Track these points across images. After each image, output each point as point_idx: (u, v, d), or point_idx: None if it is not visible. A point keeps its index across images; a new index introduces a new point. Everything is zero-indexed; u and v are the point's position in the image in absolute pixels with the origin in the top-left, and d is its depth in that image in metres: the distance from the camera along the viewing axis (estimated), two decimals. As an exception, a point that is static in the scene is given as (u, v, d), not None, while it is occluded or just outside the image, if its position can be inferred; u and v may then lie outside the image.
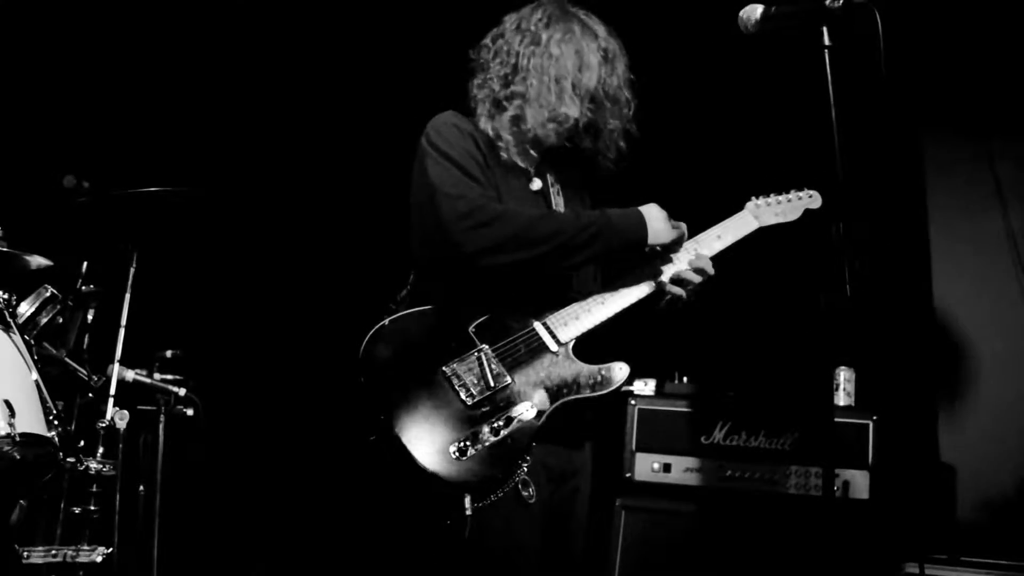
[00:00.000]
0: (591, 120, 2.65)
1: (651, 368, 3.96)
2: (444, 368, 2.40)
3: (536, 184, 2.70)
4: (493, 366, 2.42)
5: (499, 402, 2.39)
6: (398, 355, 2.42)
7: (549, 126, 2.61)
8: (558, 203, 2.72)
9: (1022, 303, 4.32)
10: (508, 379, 2.42)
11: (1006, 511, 4.12)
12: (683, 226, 2.65)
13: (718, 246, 2.72)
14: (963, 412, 4.32)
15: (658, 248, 2.61)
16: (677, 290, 2.62)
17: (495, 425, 2.36)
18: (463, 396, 2.37)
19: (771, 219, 2.82)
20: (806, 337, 4.16)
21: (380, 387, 2.39)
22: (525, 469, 2.38)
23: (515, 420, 2.37)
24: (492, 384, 2.40)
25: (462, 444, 2.32)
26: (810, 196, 2.87)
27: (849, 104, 2.36)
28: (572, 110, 2.60)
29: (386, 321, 2.46)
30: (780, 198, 2.84)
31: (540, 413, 2.40)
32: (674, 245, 2.63)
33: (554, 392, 2.44)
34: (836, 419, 3.71)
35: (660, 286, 2.62)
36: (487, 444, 2.34)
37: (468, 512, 2.28)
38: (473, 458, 2.32)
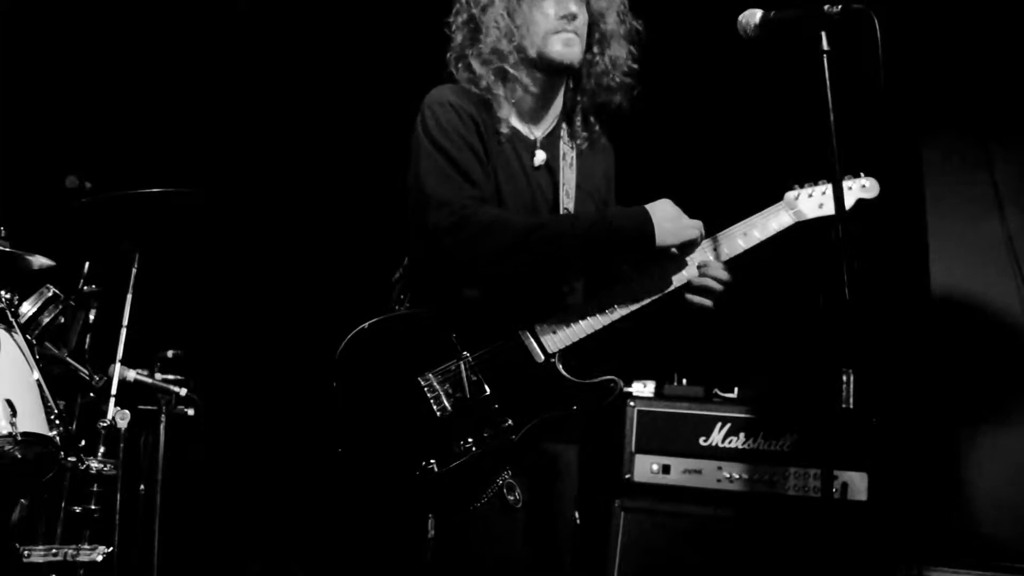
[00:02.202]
0: (592, 18, 2.50)
1: (650, 370, 3.96)
2: (420, 377, 2.29)
3: (540, 157, 2.54)
4: (472, 376, 2.29)
5: (475, 415, 2.27)
6: (374, 362, 2.32)
7: (555, 38, 2.45)
8: (567, 178, 2.55)
9: (1020, 305, 4.32)
10: (486, 391, 2.29)
11: (1004, 514, 4.12)
12: (699, 224, 2.43)
13: (742, 245, 2.47)
14: (962, 413, 4.32)
15: (673, 250, 2.41)
16: (698, 299, 2.43)
17: (467, 443, 2.25)
18: (436, 409, 2.27)
19: (814, 211, 2.48)
20: (806, 339, 4.17)
21: (352, 396, 2.29)
22: (508, 474, 2.27)
23: (489, 436, 2.25)
24: (468, 396, 2.28)
25: (429, 463, 2.22)
26: (863, 186, 2.51)
27: (848, 108, 2.35)
28: (568, 5, 2.45)
29: (365, 325, 2.35)
30: (827, 187, 2.46)
31: (519, 428, 2.27)
32: (689, 245, 2.42)
33: (533, 408, 2.29)
34: (835, 421, 3.72)
35: (670, 293, 2.43)
36: (456, 463, 2.23)
37: (431, 534, 2.19)
38: (440, 477, 2.22)
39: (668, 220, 2.38)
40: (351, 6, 5.05)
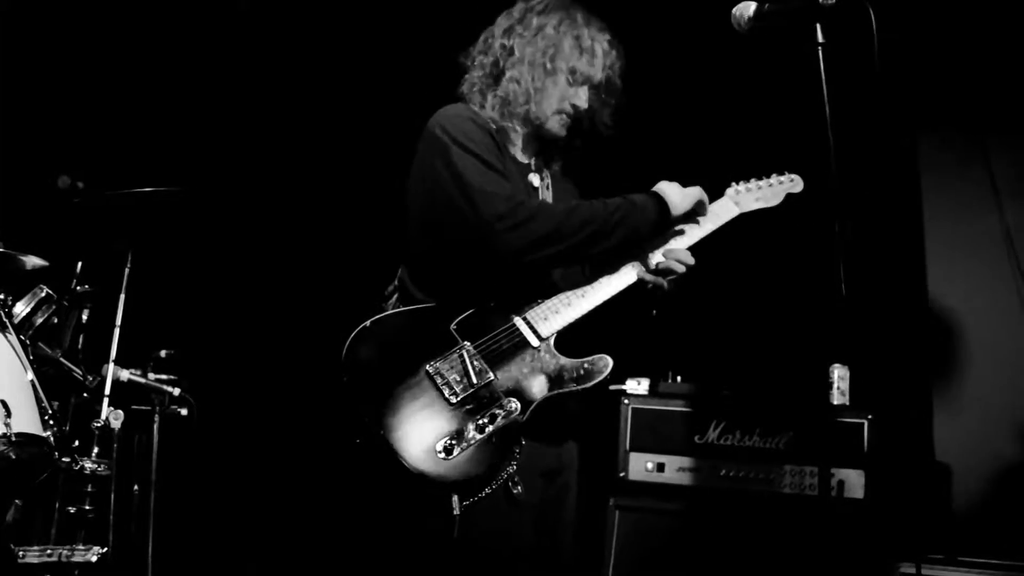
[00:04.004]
0: (593, 108, 2.69)
1: (645, 367, 3.96)
2: (427, 367, 2.40)
3: (535, 179, 2.73)
4: (476, 363, 2.41)
5: (483, 399, 2.38)
6: (381, 356, 2.42)
7: (555, 118, 2.67)
8: (545, 196, 2.75)
9: (1017, 301, 4.33)
10: (491, 376, 2.41)
11: (1002, 510, 4.13)
12: (699, 189, 2.66)
13: (698, 234, 2.69)
14: (959, 410, 4.33)
15: (679, 221, 2.62)
16: (657, 279, 2.60)
17: (480, 422, 2.35)
18: (447, 395, 2.37)
19: (752, 204, 2.79)
20: (801, 336, 4.17)
21: (364, 389, 2.38)
22: (514, 466, 2.38)
23: (500, 417, 2.37)
24: (475, 381, 2.39)
25: (448, 443, 2.32)
26: (791, 180, 2.85)
27: (844, 102, 2.36)
28: (579, 100, 2.66)
29: (367, 323, 2.45)
30: (761, 183, 2.82)
31: (525, 408, 2.39)
32: (698, 208, 2.65)
33: (535, 388, 2.43)
34: (831, 418, 3.72)
35: (640, 276, 2.60)
36: (473, 442, 2.33)
37: (456, 512, 2.28)
38: (459, 457, 2.31)
39: (674, 194, 2.61)
40: (349, 7, 5.05)
